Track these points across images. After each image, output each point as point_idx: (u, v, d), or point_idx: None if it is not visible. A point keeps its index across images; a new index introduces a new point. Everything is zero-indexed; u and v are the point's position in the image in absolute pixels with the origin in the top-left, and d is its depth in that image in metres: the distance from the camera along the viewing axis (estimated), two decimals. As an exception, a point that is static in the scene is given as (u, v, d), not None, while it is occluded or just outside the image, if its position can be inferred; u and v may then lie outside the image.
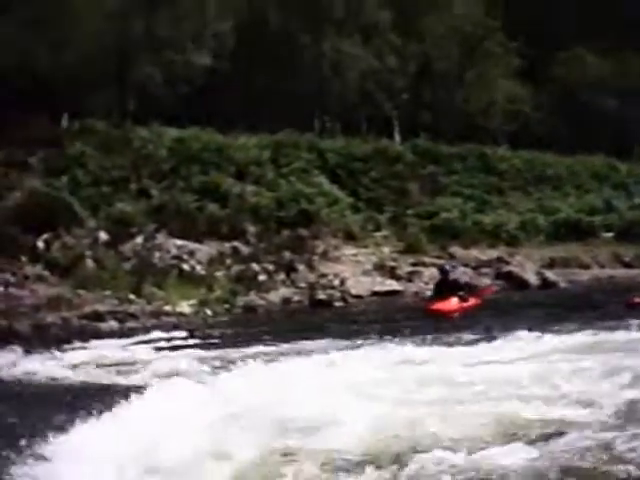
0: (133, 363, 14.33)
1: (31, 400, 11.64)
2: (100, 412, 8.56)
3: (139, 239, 25.61)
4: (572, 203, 37.74)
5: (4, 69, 30.26)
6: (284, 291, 24.56)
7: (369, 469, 7.14)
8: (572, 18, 44.61)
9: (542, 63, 43.70)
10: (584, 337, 14.01)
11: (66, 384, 12.75)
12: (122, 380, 12.87)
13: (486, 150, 40.30)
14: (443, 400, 9.47)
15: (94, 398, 9.10)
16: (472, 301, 20.24)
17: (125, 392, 9.61)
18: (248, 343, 15.83)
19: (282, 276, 25.63)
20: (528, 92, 44.28)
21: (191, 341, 17.18)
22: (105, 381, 12.87)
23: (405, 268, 27.92)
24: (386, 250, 30.52)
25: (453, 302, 19.83)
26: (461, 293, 20.29)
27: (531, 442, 7.68)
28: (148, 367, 13.77)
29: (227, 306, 22.50)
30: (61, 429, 8.19)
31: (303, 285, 25.12)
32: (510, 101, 43.66)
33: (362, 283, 25.81)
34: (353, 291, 24.97)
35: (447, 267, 21.78)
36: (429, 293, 24.03)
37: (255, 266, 25.46)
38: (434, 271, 27.44)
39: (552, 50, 43.79)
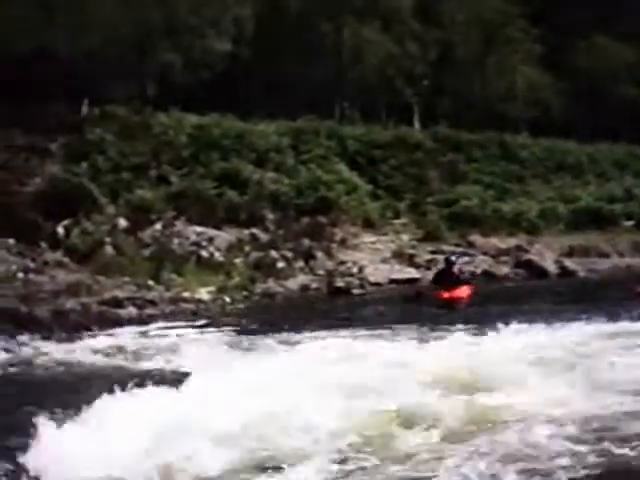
0: (151, 349, 14.40)
1: (50, 385, 11.73)
2: (118, 398, 8.62)
3: (158, 226, 25.65)
4: (592, 191, 37.58)
5: (24, 55, 30.33)
6: (302, 278, 24.56)
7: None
8: (594, 4, 44.31)
9: (563, 50, 43.44)
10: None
11: (85, 370, 12.83)
12: (141, 366, 12.94)
13: (506, 138, 40.17)
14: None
15: (112, 384, 9.12)
16: (473, 290, 20.87)
17: (143, 378, 9.66)
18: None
19: (300, 263, 25.63)
20: (549, 79, 44.05)
21: (209, 328, 17.26)
22: (124, 367, 12.93)
23: (424, 256, 27.88)
24: (405, 238, 30.49)
25: (463, 290, 20.46)
26: (469, 280, 21.47)
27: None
28: (166, 354, 13.84)
29: (245, 293, 22.52)
30: (78, 413, 8.26)
31: (321, 272, 25.13)
32: (531, 88, 43.44)
33: (380, 271, 25.78)
34: (371, 279, 24.95)
35: (453, 258, 22.08)
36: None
37: (274, 253, 25.47)
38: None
39: (573, 37, 43.52)
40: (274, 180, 31.19)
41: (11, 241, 22.72)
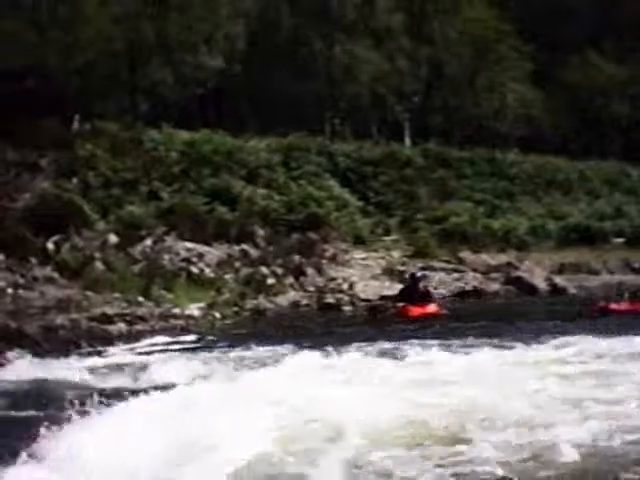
0: (140, 366, 14.36)
1: (39, 401, 11.69)
2: (105, 415, 8.59)
3: (148, 241, 25.62)
4: (583, 208, 37.68)
5: (16, 71, 30.39)
6: (293, 294, 24.58)
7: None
8: (586, 22, 44.59)
9: (554, 67, 43.65)
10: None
11: (74, 386, 12.78)
12: (129, 383, 12.91)
13: (497, 155, 40.31)
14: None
15: (100, 400, 9.09)
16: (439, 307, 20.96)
17: (130, 395, 9.64)
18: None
19: (291, 280, 25.63)
20: (540, 96, 44.23)
21: (199, 344, 17.25)
22: (112, 384, 12.89)
23: (414, 272, 27.90)
24: (395, 254, 30.52)
25: (431, 307, 20.62)
26: (435, 298, 21.55)
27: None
28: (155, 370, 13.80)
29: (235, 309, 22.50)
30: (66, 430, 8.23)
31: (312, 289, 25.14)
32: (522, 105, 43.63)
33: (371, 287, 25.77)
34: (362, 295, 24.94)
35: (418, 275, 22.03)
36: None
37: (264, 269, 25.45)
38: (443, 275, 27.58)
39: (564, 54, 43.75)
40: (264, 196, 31.25)
41: (0, 256, 22.67)
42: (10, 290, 20.90)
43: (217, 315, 21.69)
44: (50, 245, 23.97)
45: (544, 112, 43.77)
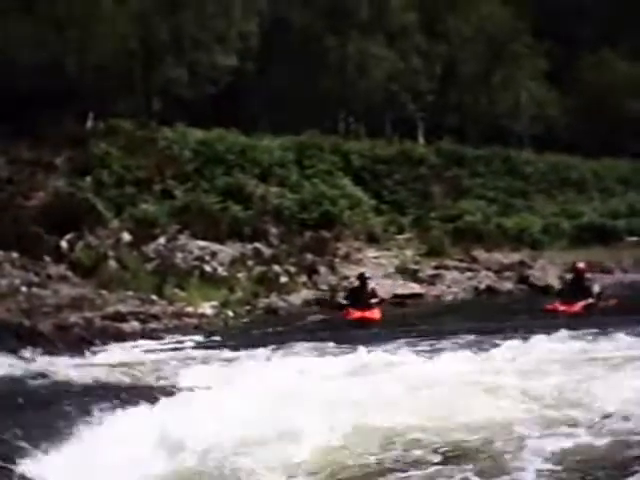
0: (153, 364, 14.40)
1: (51, 400, 11.73)
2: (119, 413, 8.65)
3: (162, 240, 25.68)
4: (596, 207, 37.60)
5: (31, 69, 30.51)
6: (305, 293, 24.53)
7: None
8: (601, 20, 44.44)
9: (569, 66, 43.54)
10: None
11: (87, 384, 12.83)
12: (142, 381, 12.95)
13: (511, 153, 40.26)
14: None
15: (113, 399, 9.16)
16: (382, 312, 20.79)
17: (146, 393, 9.70)
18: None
19: (304, 278, 25.61)
20: (555, 95, 44.14)
21: (213, 342, 17.30)
22: (125, 382, 12.94)
23: (427, 271, 27.83)
24: (409, 253, 30.51)
25: (370, 312, 20.38)
26: (376, 300, 20.95)
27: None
28: (169, 369, 13.86)
29: (248, 307, 22.50)
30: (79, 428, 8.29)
31: (325, 287, 25.12)
32: (536, 104, 43.54)
33: (383, 286, 25.66)
34: (374, 294, 24.89)
35: (367, 275, 21.84)
36: (449, 297, 24.82)
37: (277, 268, 25.46)
38: (457, 274, 27.54)
39: (579, 53, 43.64)
40: (278, 195, 31.31)
41: (15, 254, 22.76)
42: (24, 288, 20.98)
43: (230, 313, 21.70)
44: (64, 243, 24.06)
45: (558, 111, 43.67)
